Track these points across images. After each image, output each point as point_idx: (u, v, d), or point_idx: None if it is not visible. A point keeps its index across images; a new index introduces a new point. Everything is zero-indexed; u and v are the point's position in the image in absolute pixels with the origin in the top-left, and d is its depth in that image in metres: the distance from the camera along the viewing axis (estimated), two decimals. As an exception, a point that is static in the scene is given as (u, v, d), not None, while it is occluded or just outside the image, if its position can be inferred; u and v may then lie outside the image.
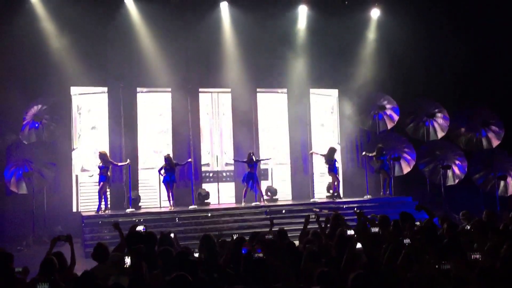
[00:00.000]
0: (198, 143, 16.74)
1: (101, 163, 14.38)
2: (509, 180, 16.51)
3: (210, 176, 16.96)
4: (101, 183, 14.33)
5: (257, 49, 16.70)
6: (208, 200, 15.82)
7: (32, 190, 14.31)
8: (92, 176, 15.78)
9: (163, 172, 14.80)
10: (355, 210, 8.77)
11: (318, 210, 14.18)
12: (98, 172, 14.42)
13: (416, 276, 5.43)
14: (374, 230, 6.78)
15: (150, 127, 16.69)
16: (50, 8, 14.99)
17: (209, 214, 14.36)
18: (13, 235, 13.61)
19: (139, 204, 15.21)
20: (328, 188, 16.92)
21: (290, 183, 17.51)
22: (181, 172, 15.87)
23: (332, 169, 16.15)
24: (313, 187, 16.85)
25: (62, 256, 6.22)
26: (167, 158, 14.84)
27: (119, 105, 15.76)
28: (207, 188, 16.41)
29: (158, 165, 15.27)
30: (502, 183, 16.51)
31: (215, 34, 16.71)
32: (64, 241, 6.57)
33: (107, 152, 14.95)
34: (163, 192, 15.21)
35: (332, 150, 16.31)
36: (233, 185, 16.84)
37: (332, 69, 17.30)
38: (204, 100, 17.21)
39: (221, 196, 16.35)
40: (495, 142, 17.21)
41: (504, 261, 5.73)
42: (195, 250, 6.55)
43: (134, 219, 13.10)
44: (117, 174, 15.47)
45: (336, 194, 16.26)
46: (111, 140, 15.79)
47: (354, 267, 5.56)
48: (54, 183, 14.97)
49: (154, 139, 16.74)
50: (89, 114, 16.27)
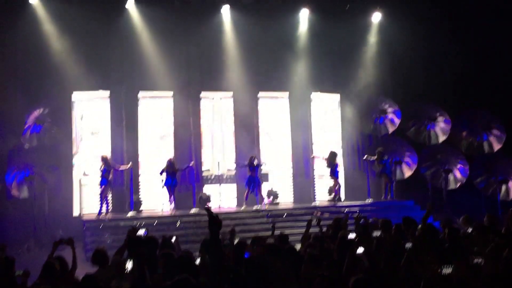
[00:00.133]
0: (199, 147, 16.74)
1: (103, 167, 14.39)
2: (511, 184, 16.49)
3: (211, 178, 16.93)
4: (103, 186, 14.34)
5: (259, 53, 16.72)
6: (209, 204, 15.81)
7: (33, 194, 14.30)
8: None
9: (164, 175, 14.79)
10: (354, 215, 8.75)
11: (319, 213, 14.14)
12: (100, 175, 14.43)
13: (417, 280, 5.41)
14: (376, 234, 6.76)
15: (151, 131, 16.67)
16: (52, 12, 15.02)
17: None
18: (14, 238, 13.54)
19: (140, 208, 15.22)
20: (330, 191, 16.91)
21: (292, 187, 17.50)
22: (183, 176, 15.85)
23: (333, 173, 16.15)
24: (314, 191, 16.83)
25: (63, 260, 6.21)
26: (170, 162, 14.86)
27: (121, 109, 15.78)
28: (208, 189, 16.43)
29: (159, 168, 15.22)
30: (503, 187, 16.49)
31: (217, 38, 16.73)
32: (66, 245, 6.56)
33: (109, 155, 14.96)
34: (165, 196, 15.20)
35: (333, 154, 16.30)
36: (235, 187, 16.83)
37: (333, 72, 17.32)
38: (205, 103, 17.20)
39: (223, 198, 16.27)
40: (497, 146, 17.17)
41: (506, 264, 5.72)
42: (196, 254, 6.53)
43: (135, 222, 13.09)
44: (118, 177, 15.47)
45: (337, 197, 16.25)
46: (113, 144, 15.79)
47: (355, 271, 5.55)
48: (55, 187, 14.93)
49: (155, 142, 16.71)
50: (90, 118, 16.24)
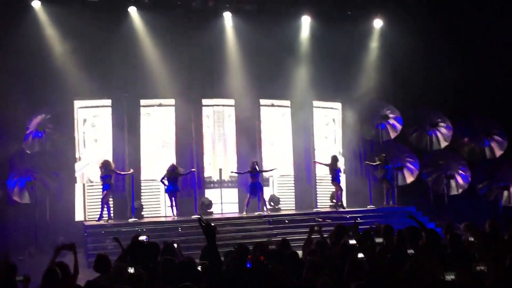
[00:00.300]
0: (201, 153, 16.73)
1: (104, 172, 14.38)
2: (513, 190, 16.49)
3: (213, 181, 16.89)
4: (105, 191, 14.34)
5: (261, 60, 16.70)
6: (211, 210, 15.81)
7: (35, 199, 14.31)
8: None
9: (166, 181, 14.80)
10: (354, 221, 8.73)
11: (321, 219, 14.15)
12: (102, 181, 14.42)
13: (420, 287, 5.39)
14: (378, 240, 6.75)
15: (153, 137, 16.64)
16: (54, 18, 15.03)
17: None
18: (16, 244, 13.56)
19: (141, 214, 15.21)
20: (332, 197, 16.89)
21: (294, 193, 17.47)
22: (184, 181, 15.84)
23: (335, 178, 16.11)
24: (316, 197, 16.81)
25: (65, 266, 6.19)
26: (172, 167, 14.86)
27: (123, 116, 15.80)
28: (210, 194, 16.42)
29: (161, 174, 15.22)
30: (505, 193, 16.46)
31: (219, 45, 16.74)
32: (68, 250, 6.54)
33: (111, 160, 14.98)
34: (167, 201, 15.20)
35: (334, 159, 16.29)
36: (236, 191, 16.82)
37: (335, 78, 17.30)
38: (207, 110, 17.21)
39: (224, 203, 16.23)
40: (498, 152, 17.16)
41: (508, 271, 5.70)
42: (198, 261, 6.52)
43: (136, 228, 13.09)
44: (120, 183, 15.46)
45: (339, 203, 16.22)
46: (115, 150, 15.79)
47: (356, 277, 5.54)
48: (57, 192, 14.91)
49: (157, 149, 16.68)
50: (92, 124, 16.21)
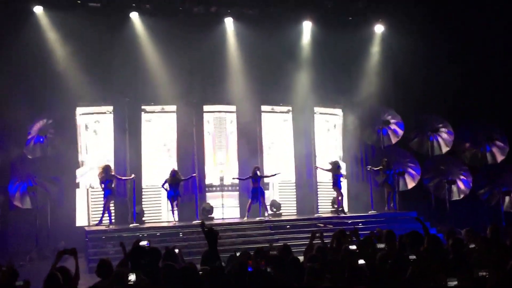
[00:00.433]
0: (202, 158, 16.73)
1: (105, 177, 14.36)
2: (515, 195, 16.46)
3: (214, 185, 16.86)
4: (107, 196, 14.33)
5: (262, 65, 16.72)
6: (212, 215, 15.78)
7: (36, 204, 14.29)
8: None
9: (166, 186, 14.80)
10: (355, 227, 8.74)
11: (322, 225, 14.12)
12: (103, 186, 14.40)
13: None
14: (380, 246, 6.73)
15: (154, 143, 16.63)
16: (56, 23, 15.07)
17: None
18: (17, 250, 13.58)
19: (143, 219, 15.18)
20: (333, 203, 16.86)
21: (295, 198, 17.46)
22: (185, 187, 15.84)
23: (336, 184, 16.10)
24: (317, 202, 16.78)
25: (67, 271, 6.17)
26: (173, 172, 14.86)
27: (124, 121, 15.81)
28: (211, 197, 16.43)
29: (162, 179, 15.20)
30: (507, 199, 16.43)
31: (220, 50, 16.75)
32: (70, 255, 6.53)
33: (112, 165, 14.98)
34: (168, 206, 15.19)
35: (335, 164, 16.28)
36: (237, 195, 16.82)
37: (336, 83, 17.32)
38: (208, 116, 17.22)
39: (225, 208, 16.19)
40: (500, 157, 17.13)
41: (510, 277, 5.67)
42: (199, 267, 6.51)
43: (138, 234, 13.06)
44: (121, 189, 15.45)
45: (340, 209, 16.18)
46: (116, 155, 15.81)
47: (357, 282, 5.52)
48: (58, 197, 14.88)
49: (158, 154, 16.67)
50: (94, 129, 16.22)
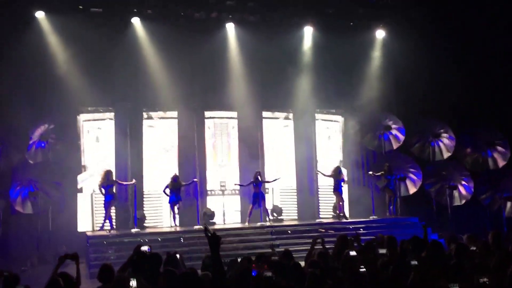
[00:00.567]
0: (203, 163, 16.74)
1: (106, 182, 14.36)
2: (516, 200, 16.42)
3: (215, 190, 16.83)
4: (108, 201, 14.33)
5: (263, 71, 16.72)
6: (213, 220, 15.77)
7: (37, 209, 14.30)
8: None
9: (168, 191, 14.81)
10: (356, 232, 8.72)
11: (323, 230, 14.09)
12: (104, 191, 14.40)
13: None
14: (382, 251, 6.72)
15: (156, 148, 16.65)
16: (58, 29, 15.10)
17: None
18: (18, 254, 13.55)
19: (144, 224, 15.18)
20: (334, 208, 16.83)
21: (296, 203, 17.44)
22: (186, 192, 15.83)
23: (336, 189, 16.07)
24: (318, 207, 16.77)
25: (68, 276, 6.16)
26: (174, 178, 14.86)
27: (125, 126, 15.84)
28: (212, 201, 16.45)
29: (163, 184, 15.20)
30: (509, 204, 16.40)
31: (222, 56, 16.76)
32: (71, 259, 6.52)
33: (113, 170, 14.99)
34: (169, 212, 15.18)
35: (337, 169, 16.27)
36: (238, 199, 16.81)
37: (337, 89, 17.28)
38: (209, 121, 17.24)
39: (227, 212, 16.14)
40: (501, 163, 17.10)
41: (511, 283, 5.66)
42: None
43: (139, 239, 13.05)
44: (123, 194, 15.45)
45: (342, 214, 16.15)
46: (117, 161, 15.83)
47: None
48: (59, 202, 14.89)
49: (159, 159, 16.68)
50: (96, 135, 16.26)
